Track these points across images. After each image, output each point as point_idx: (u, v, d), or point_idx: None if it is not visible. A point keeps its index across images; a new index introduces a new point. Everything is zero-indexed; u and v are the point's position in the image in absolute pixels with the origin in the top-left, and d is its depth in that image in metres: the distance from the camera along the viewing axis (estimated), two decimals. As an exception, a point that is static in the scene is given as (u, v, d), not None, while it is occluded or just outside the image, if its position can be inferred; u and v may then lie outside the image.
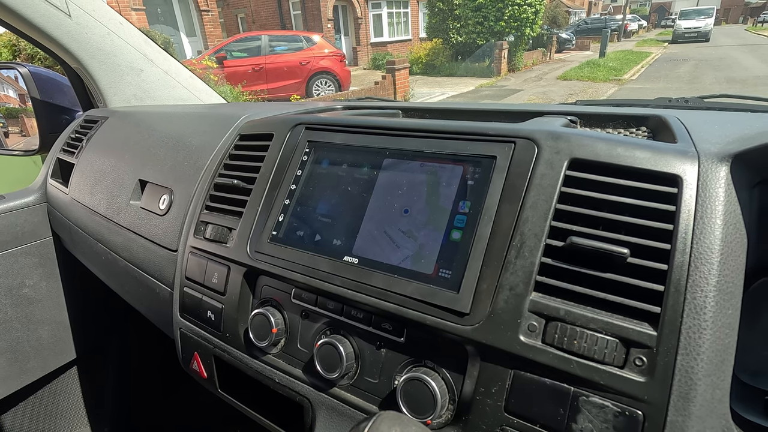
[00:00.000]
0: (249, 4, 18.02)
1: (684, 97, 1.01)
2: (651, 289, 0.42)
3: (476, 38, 14.68)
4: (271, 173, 0.70)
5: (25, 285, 1.32)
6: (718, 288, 0.40)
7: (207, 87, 1.60)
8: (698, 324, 0.39)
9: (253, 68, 9.78)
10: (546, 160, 0.50)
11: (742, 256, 0.42)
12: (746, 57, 16.02)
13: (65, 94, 1.51)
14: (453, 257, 0.51)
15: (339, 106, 1.05)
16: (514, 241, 0.48)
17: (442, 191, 0.55)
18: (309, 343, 0.62)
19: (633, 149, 0.47)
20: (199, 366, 0.76)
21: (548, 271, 0.46)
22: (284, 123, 0.74)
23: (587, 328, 0.42)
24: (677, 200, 0.43)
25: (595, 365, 0.42)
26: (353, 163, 0.63)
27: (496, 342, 0.46)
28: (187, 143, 0.93)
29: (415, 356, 0.54)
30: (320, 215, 0.63)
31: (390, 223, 0.57)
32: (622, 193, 0.46)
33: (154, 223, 0.89)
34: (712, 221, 0.41)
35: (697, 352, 0.39)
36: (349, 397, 0.57)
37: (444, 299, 0.49)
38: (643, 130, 0.71)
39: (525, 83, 12.62)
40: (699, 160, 0.44)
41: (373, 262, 0.56)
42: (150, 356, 1.65)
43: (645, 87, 11.17)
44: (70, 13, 1.22)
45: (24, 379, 1.34)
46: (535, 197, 0.48)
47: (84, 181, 1.14)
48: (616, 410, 0.40)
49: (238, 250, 0.68)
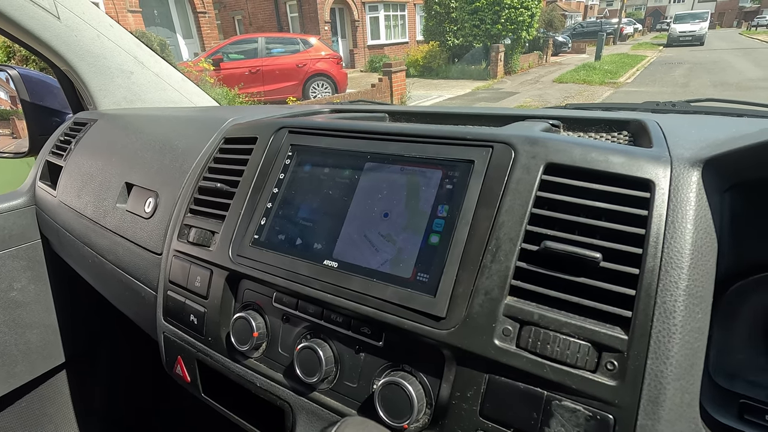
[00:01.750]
0: (246, 6, 18.03)
1: (671, 101, 1.02)
2: (623, 293, 0.42)
3: (473, 41, 14.74)
4: (254, 177, 0.70)
5: (12, 288, 1.31)
6: (688, 292, 0.40)
7: (199, 89, 1.60)
8: (668, 328, 0.39)
9: (249, 70, 9.79)
10: (522, 164, 0.50)
11: (712, 260, 0.42)
12: (740, 60, 16.15)
13: (55, 96, 1.50)
14: (431, 261, 0.51)
15: (327, 109, 1.05)
16: (490, 245, 0.48)
17: (422, 195, 0.55)
18: (290, 347, 0.62)
19: (607, 154, 0.47)
20: (182, 370, 0.76)
21: (523, 276, 0.46)
22: (268, 127, 0.74)
23: (560, 332, 0.43)
24: (649, 205, 0.43)
25: (568, 369, 0.42)
26: (335, 167, 0.63)
27: (472, 346, 0.46)
28: (173, 146, 0.93)
29: (393, 360, 0.54)
30: (302, 219, 0.63)
31: (370, 227, 0.57)
32: (596, 197, 0.46)
33: (139, 226, 0.89)
34: (683, 225, 0.42)
35: (667, 356, 0.39)
36: (329, 401, 0.57)
37: (421, 303, 0.49)
38: (624, 134, 0.72)
39: (521, 86, 12.67)
40: (671, 165, 0.45)
41: (353, 266, 0.56)
42: (139, 360, 1.64)
43: (640, 90, 11.24)
44: (59, 15, 1.22)
45: (11, 383, 1.33)
46: (511, 201, 0.49)
47: (72, 183, 1.14)
48: (588, 414, 0.41)
49: (220, 254, 0.68)
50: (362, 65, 18.48)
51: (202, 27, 13.21)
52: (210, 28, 13.39)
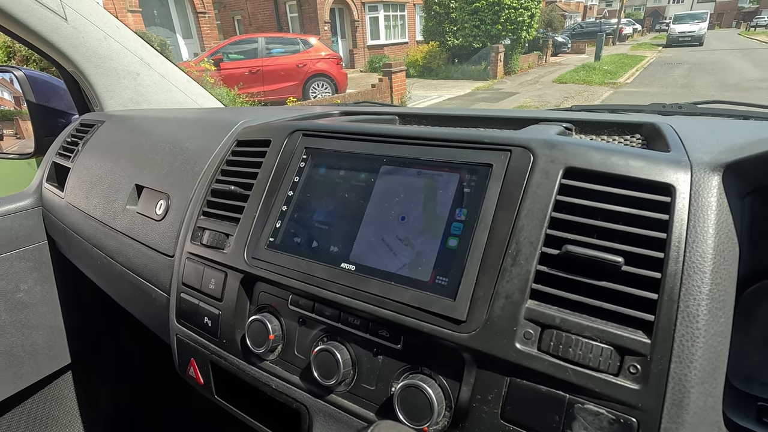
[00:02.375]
0: (246, 6, 18.01)
1: (678, 103, 1.02)
2: (645, 297, 0.42)
3: (473, 41, 14.75)
4: (269, 179, 0.70)
5: (19, 289, 1.31)
6: (711, 296, 0.40)
7: (204, 90, 1.60)
8: (691, 332, 0.40)
9: (249, 71, 9.78)
10: (541, 168, 0.50)
11: (734, 264, 0.43)
12: (739, 61, 16.18)
13: (61, 97, 1.50)
14: (449, 264, 0.51)
15: (336, 111, 1.05)
16: (510, 248, 0.48)
17: (439, 199, 0.55)
18: (306, 349, 0.62)
19: (627, 158, 0.48)
20: (195, 372, 0.76)
21: (544, 279, 0.46)
22: (282, 129, 0.74)
23: (582, 336, 0.43)
24: (670, 209, 0.44)
25: (590, 373, 0.42)
26: (350, 170, 0.64)
27: (492, 349, 0.46)
28: (183, 148, 0.93)
29: (412, 363, 0.54)
30: (317, 222, 0.63)
31: (387, 230, 0.57)
32: (616, 201, 0.46)
33: (150, 228, 0.89)
34: (705, 230, 0.42)
35: (690, 360, 0.39)
36: (346, 404, 0.58)
37: (440, 307, 0.50)
38: (638, 138, 0.72)
39: (521, 86, 12.68)
40: (692, 170, 0.45)
41: (371, 269, 0.56)
42: (145, 361, 1.64)
43: (640, 90, 11.26)
44: (67, 16, 1.22)
45: (18, 384, 1.33)
46: (531, 205, 0.49)
47: (80, 185, 1.14)
48: (611, 417, 0.41)
49: (235, 257, 0.68)
50: (362, 65, 18.48)
51: (202, 27, 13.20)
52: (210, 29, 13.38)
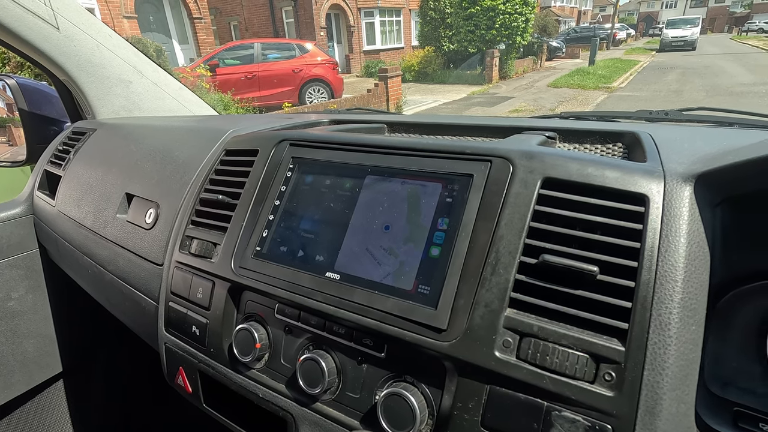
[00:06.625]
0: (242, 11, 18.08)
1: (664, 110, 1.04)
2: (619, 305, 0.43)
3: (468, 46, 14.85)
4: (256, 189, 0.71)
5: (10, 298, 1.31)
6: (682, 304, 0.41)
7: (197, 98, 1.60)
8: (663, 340, 0.41)
9: (245, 76, 9.80)
10: (520, 179, 0.51)
11: (705, 273, 0.44)
12: (731, 65, 16.36)
13: (53, 105, 1.51)
14: (432, 273, 0.52)
15: (326, 120, 1.06)
16: (490, 258, 0.49)
17: (422, 208, 0.56)
18: (292, 358, 0.63)
19: (603, 169, 0.49)
20: (184, 381, 0.77)
21: (522, 288, 0.47)
22: (269, 139, 0.75)
23: (559, 344, 0.44)
24: (644, 219, 0.45)
25: (567, 380, 0.43)
26: (336, 180, 0.64)
27: (473, 358, 0.47)
28: (174, 157, 0.93)
29: (395, 371, 0.54)
30: (303, 231, 0.64)
31: (371, 240, 0.58)
32: (592, 211, 0.47)
33: (140, 236, 0.89)
34: (677, 240, 0.43)
35: (662, 367, 0.40)
36: (332, 412, 0.58)
37: (422, 315, 0.50)
38: (619, 146, 0.74)
39: (516, 91, 12.76)
40: (665, 180, 0.46)
41: (355, 278, 0.57)
42: (137, 370, 1.63)
43: (633, 95, 11.36)
44: (59, 26, 1.23)
45: (8, 393, 1.32)
46: (510, 215, 0.50)
47: (71, 193, 1.14)
48: (587, 424, 0.42)
49: (222, 266, 0.69)
50: (358, 70, 18.55)
51: (198, 33, 13.23)
52: (206, 34, 13.41)
